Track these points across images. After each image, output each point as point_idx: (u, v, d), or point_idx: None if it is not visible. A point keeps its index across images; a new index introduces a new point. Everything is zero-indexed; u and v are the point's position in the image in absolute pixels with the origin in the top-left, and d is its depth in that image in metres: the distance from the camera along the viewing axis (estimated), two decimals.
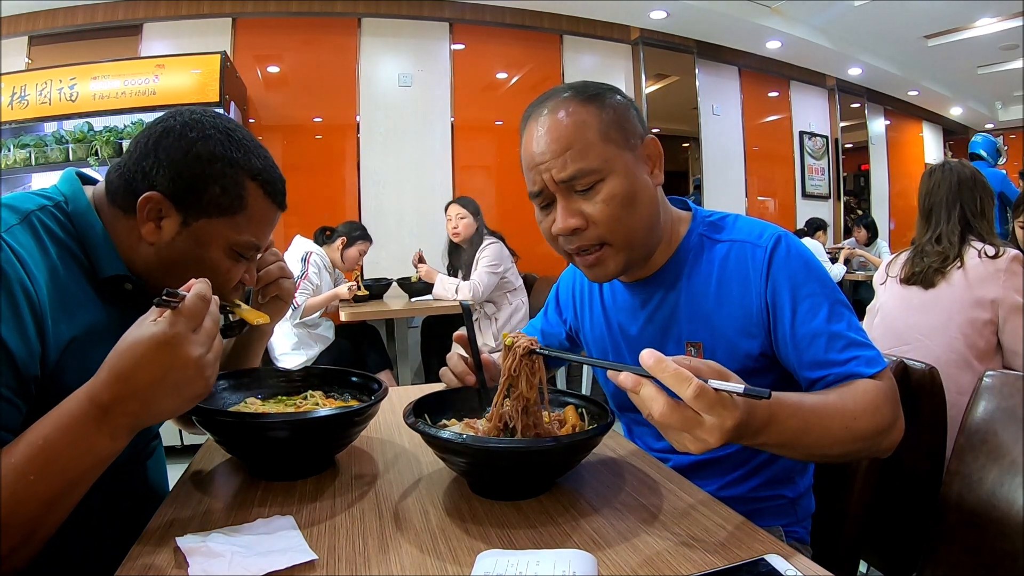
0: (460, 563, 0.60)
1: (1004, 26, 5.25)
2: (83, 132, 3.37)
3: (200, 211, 0.77)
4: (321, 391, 0.98)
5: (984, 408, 0.93)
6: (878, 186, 7.05)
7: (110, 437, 0.61)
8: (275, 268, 0.96)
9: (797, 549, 0.85)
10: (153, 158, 0.76)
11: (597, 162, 0.82)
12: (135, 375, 0.60)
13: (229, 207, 0.78)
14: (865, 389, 0.78)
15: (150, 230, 0.77)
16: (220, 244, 0.80)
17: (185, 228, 0.78)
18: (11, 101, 3.39)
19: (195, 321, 0.63)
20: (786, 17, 5.22)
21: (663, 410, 0.59)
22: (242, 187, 0.79)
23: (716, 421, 0.59)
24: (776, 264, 0.87)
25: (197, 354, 0.62)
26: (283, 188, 0.86)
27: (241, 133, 0.82)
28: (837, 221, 6.41)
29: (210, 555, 0.60)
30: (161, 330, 0.60)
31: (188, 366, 0.62)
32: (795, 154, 6.21)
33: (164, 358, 0.60)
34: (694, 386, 0.58)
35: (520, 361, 0.76)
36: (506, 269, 3.21)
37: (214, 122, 0.80)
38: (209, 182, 0.77)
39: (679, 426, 0.60)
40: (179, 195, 0.76)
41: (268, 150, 0.85)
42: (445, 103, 4.55)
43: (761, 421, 0.65)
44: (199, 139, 0.77)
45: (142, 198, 0.75)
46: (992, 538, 0.85)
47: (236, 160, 0.78)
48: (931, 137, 8.27)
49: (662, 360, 0.59)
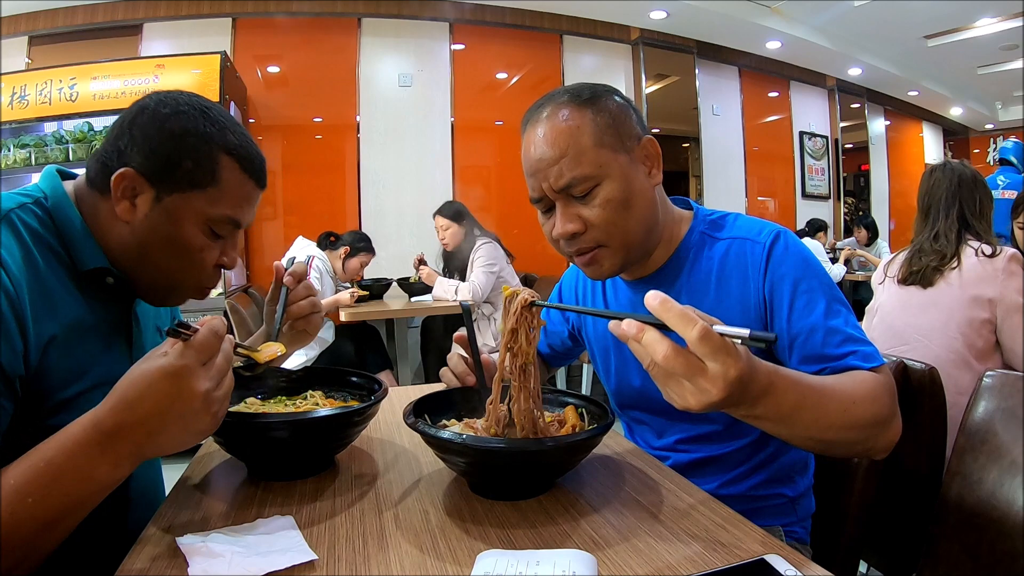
0: (460, 563, 0.60)
1: (1004, 26, 5.25)
2: (83, 132, 3.38)
3: (173, 185, 0.76)
4: (321, 391, 0.98)
5: (984, 408, 0.93)
6: (878, 186, 7.05)
7: (113, 465, 0.61)
8: (307, 304, 0.96)
9: (797, 549, 0.85)
10: (128, 137, 0.76)
11: (591, 168, 0.83)
12: (140, 403, 0.60)
13: (202, 180, 0.77)
14: (864, 378, 0.78)
15: (125, 208, 0.76)
16: (194, 219, 0.78)
17: (158, 204, 0.76)
18: (11, 101, 3.39)
19: (205, 355, 0.62)
20: (786, 17, 5.22)
21: (667, 353, 0.57)
22: (215, 161, 0.77)
23: (720, 369, 0.57)
24: (774, 259, 0.88)
25: (205, 388, 0.62)
26: (261, 166, 0.84)
27: (218, 111, 0.80)
28: (837, 221, 6.41)
29: (210, 555, 0.60)
30: (170, 361, 0.60)
31: (195, 399, 0.61)
32: (795, 154, 6.21)
33: (171, 388, 0.60)
34: (699, 327, 0.56)
35: (520, 314, 0.76)
36: (501, 269, 3.22)
37: (189, 99, 0.79)
38: (182, 156, 0.76)
39: (682, 371, 0.57)
40: (152, 171, 0.75)
41: (248, 131, 0.84)
42: (445, 103, 4.55)
43: (760, 387, 0.63)
44: (172, 115, 0.77)
45: (115, 175, 0.74)
46: (992, 538, 0.85)
47: (210, 134, 0.77)
48: (931, 137, 8.27)
49: (668, 300, 0.58)
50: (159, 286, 0.82)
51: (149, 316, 0.92)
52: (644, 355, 0.59)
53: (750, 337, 0.55)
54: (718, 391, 0.58)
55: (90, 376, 0.75)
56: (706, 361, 0.57)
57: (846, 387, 0.75)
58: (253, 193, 0.84)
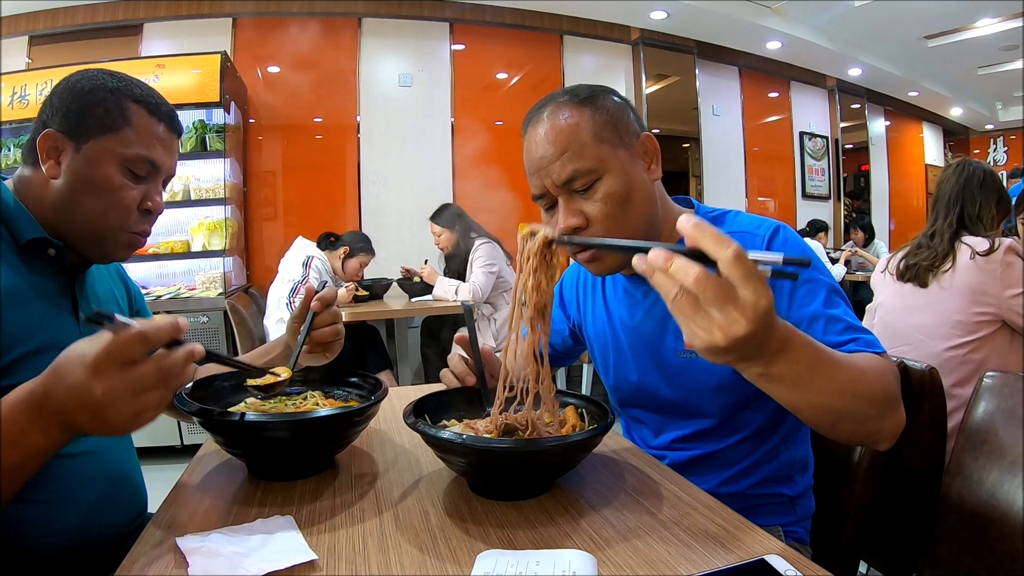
0: (460, 563, 0.60)
1: (1004, 26, 5.25)
2: None
3: (88, 133, 0.83)
4: (321, 391, 0.98)
5: (984, 408, 0.93)
6: (878, 186, 7.05)
7: (42, 432, 0.60)
8: (330, 331, 0.99)
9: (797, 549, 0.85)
10: (48, 107, 0.85)
11: (592, 162, 0.84)
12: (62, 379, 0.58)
13: (112, 124, 0.83)
14: (870, 356, 0.77)
15: (51, 167, 0.83)
16: (110, 161, 0.83)
17: (78, 154, 0.83)
18: (11, 101, 3.39)
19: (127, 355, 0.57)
20: (786, 17, 5.22)
21: (699, 276, 0.53)
22: (123, 107, 0.84)
23: (751, 297, 0.54)
24: (774, 249, 0.88)
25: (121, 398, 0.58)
26: (169, 112, 0.90)
27: (125, 75, 0.88)
28: (837, 222, 6.41)
29: (210, 555, 0.60)
30: (89, 346, 0.58)
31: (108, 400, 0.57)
32: (795, 154, 6.21)
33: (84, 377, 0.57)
34: (734, 248, 0.53)
35: (540, 254, 0.76)
36: (500, 269, 3.22)
37: (100, 70, 0.88)
38: (93, 106, 0.83)
39: (712, 296, 0.54)
40: (70, 126, 0.83)
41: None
42: (445, 103, 4.55)
43: (780, 340, 0.60)
44: (82, 79, 0.85)
45: (39, 138, 0.82)
46: (992, 538, 0.85)
47: (117, 87, 0.85)
48: (931, 137, 8.27)
49: (703, 222, 0.55)
50: (90, 234, 0.85)
51: (103, 296, 0.96)
52: (671, 286, 0.56)
53: (784, 261, 0.53)
54: (747, 321, 0.54)
55: (34, 340, 0.78)
56: (738, 287, 0.54)
57: (856, 359, 0.73)
58: (166, 136, 0.89)
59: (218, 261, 3.43)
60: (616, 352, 1.04)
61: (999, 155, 9.14)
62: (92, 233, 0.85)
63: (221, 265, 3.42)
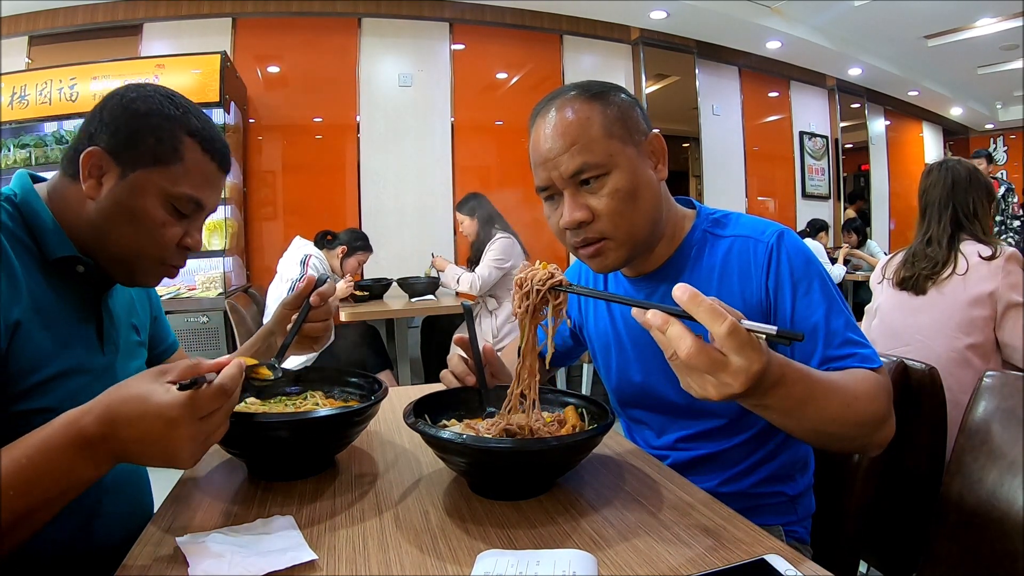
0: (460, 563, 0.60)
1: (1004, 26, 5.25)
2: None
3: (137, 162, 0.79)
4: (321, 391, 0.98)
5: (984, 408, 0.93)
6: (878, 186, 7.05)
7: (94, 466, 0.62)
8: (321, 327, 0.99)
9: (797, 549, 0.85)
10: (97, 121, 0.80)
11: (602, 156, 0.84)
12: (127, 427, 0.60)
13: (163, 157, 0.80)
14: (864, 376, 0.80)
15: (92, 186, 0.79)
16: (156, 194, 0.80)
17: (123, 180, 0.79)
18: (11, 101, 3.39)
19: (206, 410, 0.63)
20: (786, 17, 5.22)
21: (691, 350, 0.57)
22: (178, 140, 0.80)
23: (744, 363, 0.57)
24: (778, 259, 0.88)
25: (193, 441, 0.62)
26: (223, 149, 0.86)
27: (182, 99, 0.84)
28: (837, 222, 6.41)
29: (210, 555, 0.60)
30: (169, 407, 0.60)
31: (179, 448, 0.62)
32: (795, 154, 6.21)
33: (162, 430, 0.61)
34: (728, 323, 0.56)
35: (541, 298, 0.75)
36: (514, 266, 3.19)
37: (156, 88, 0.83)
38: (145, 133, 0.79)
39: (705, 367, 0.58)
40: (118, 148, 0.79)
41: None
42: (445, 103, 4.55)
43: (774, 377, 0.63)
44: (138, 98, 0.80)
45: (84, 154, 0.78)
46: (992, 538, 0.85)
47: (173, 116, 0.81)
48: (931, 137, 8.27)
49: (697, 295, 0.58)
50: (123, 261, 0.83)
51: (122, 311, 0.94)
52: (667, 346, 0.60)
53: (777, 334, 0.55)
54: (740, 384, 0.58)
55: (57, 362, 0.76)
56: (730, 356, 0.57)
57: (848, 384, 0.76)
58: (215, 175, 0.86)
59: (218, 261, 3.43)
60: (619, 353, 1.03)
61: (999, 155, 9.14)
62: (125, 261, 0.83)
63: (221, 265, 3.42)
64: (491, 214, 3.31)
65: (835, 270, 4.83)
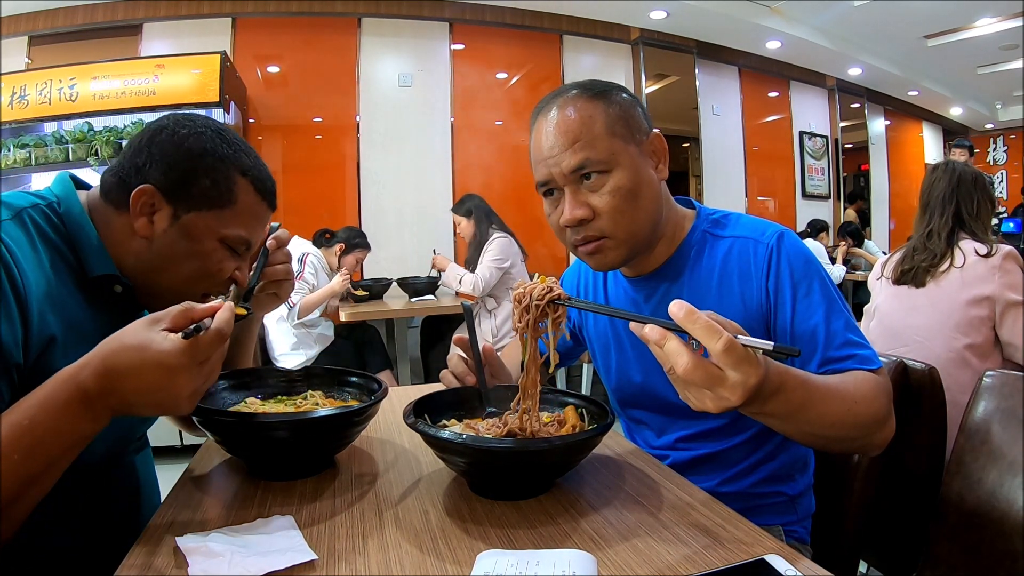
0: (460, 563, 0.60)
1: (1004, 26, 5.25)
2: (83, 132, 3.37)
3: (190, 204, 0.78)
4: (321, 391, 0.98)
5: (984, 408, 0.93)
6: (878, 186, 7.05)
7: (93, 420, 0.62)
8: (282, 269, 0.97)
9: (797, 549, 0.85)
10: (146, 154, 0.78)
11: (604, 154, 0.84)
12: (127, 378, 0.60)
13: (218, 200, 0.80)
14: (865, 378, 0.80)
15: (143, 224, 0.78)
16: (211, 237, 0.80)
17: (176, 222, 0.78)
18: (11, 101, 3.39)
19: (205, 355, 0.63)
20: (786, 17, 5.22)
21: (688, 366, 0.58)
22: (232, 181, 0.80)
23: (740, 378, 0.58)
24: (778, 260, 0.88)
25: (193, 386, 0.63)
26: (273, 188, 0.87)
27: (231, 134, 0.84)
28: (836, 221, 6.41)
29: (210, 555, 0.60)
30: (168, 355, 0.60)
31: (180, 394, 0.62)
32: (795, 154, 6.21)
33: (162, 379, 0.61)
34: (724, 339, 0.57)
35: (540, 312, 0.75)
36: (512, 265, 3.20)
37: (205, 122, 0.83)
38: (199, 175, 0.78)
39: (702, 382, 0.59)
40: (170, 188, 0.78)
41: (258, 153, 0.87)
42: (445, 103, 4.55)
43: (772, 386, 0.64)
44: (191, 135, 0.79)
45: (135, 191, 0.76)
46: (992, 538, 0.85)
47: (226, 155, 0.80)
48: (931, 137, 8.27)
49: (693, 312, 0.59)
50: (171, 292, 0.82)
51: None
52: (665, 361, 0.61)
53: (774, 350, 0.56)
54: (737, 398, 0.59)
55: None
56: (727, 371, 0.58)
57: (848, 387, 0.77)
58: (265, 214, 0.87)
59: None
60: (619, 353, 1.03)
61: (999, 155, 9.14)
62: (174, 294, 0.80)
63: None
64: (487, 214, 3.32)
65: (835, 270, 4.83)
